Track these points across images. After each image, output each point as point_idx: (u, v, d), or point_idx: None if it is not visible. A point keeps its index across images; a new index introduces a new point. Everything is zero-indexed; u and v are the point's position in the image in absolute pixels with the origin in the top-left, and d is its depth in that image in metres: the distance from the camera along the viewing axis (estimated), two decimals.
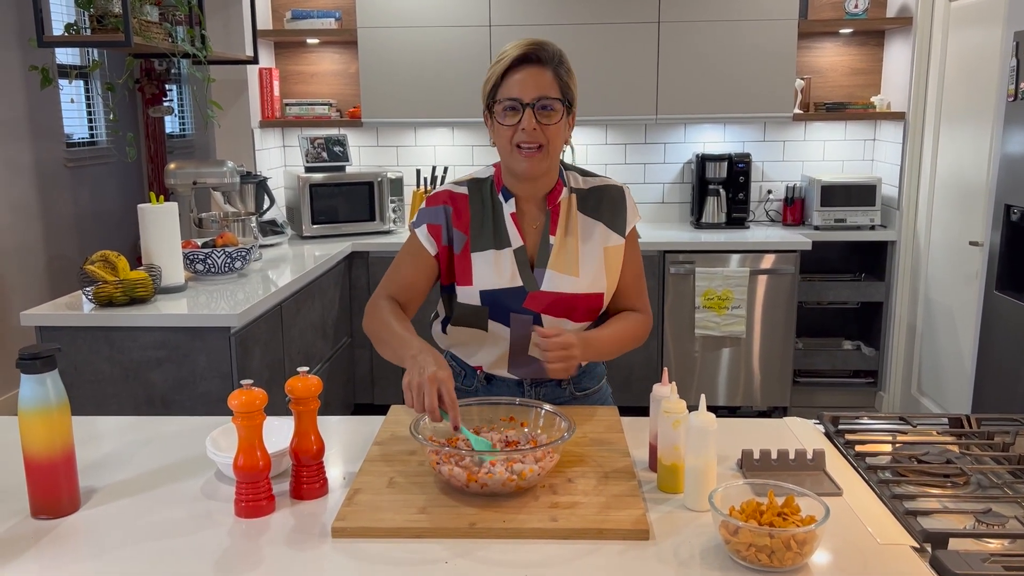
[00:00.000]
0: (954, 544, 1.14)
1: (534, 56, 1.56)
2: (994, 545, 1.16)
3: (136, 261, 2.84)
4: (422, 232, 1.69)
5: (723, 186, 4.19)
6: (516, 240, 1.67)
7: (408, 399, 1.41)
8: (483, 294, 1.67)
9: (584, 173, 1.76)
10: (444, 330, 1.78)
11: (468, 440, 1.40)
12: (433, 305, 1.82)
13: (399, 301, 1.70)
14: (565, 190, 1.70)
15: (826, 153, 4.40)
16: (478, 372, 1.76)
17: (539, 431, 1.46)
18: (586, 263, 1.67)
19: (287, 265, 3.34)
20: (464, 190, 1.70)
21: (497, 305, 1.67)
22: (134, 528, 1.25)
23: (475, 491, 1.28)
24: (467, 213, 1.68)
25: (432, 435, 1.42)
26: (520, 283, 1.65)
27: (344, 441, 1.59)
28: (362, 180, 4.07)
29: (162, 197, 2.76)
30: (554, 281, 1.66)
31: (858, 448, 1.48)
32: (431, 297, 1.76)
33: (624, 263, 1.72)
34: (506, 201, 1.69)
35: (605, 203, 1.71)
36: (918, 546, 1.17)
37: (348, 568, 1.14)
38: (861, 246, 4.32)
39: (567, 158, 1.76)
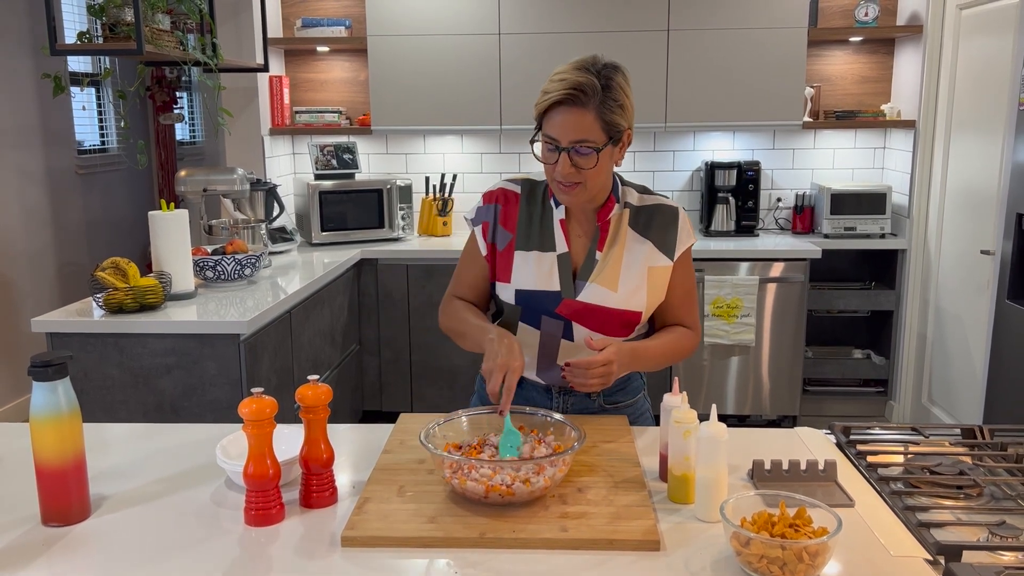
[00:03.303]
0: (968, 557, 1.13)
1: (571, 100, 1.52)
2: (1008, 558, 1.14)
3: (146, 268, 2.86)
4: (478, 232, 1.73)
5: (732, 194, 4.18)
6: (562, 246, 1.67)
7: (489, 386, 1.48)
8: (518, 293, 1.67)
9: (642, 190, 1.73)
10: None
11: (499, 434, 1.45)
12: None
13: (467, 298, 1.75)
14: (617, 206, 1.69)
15: (836, 161, 4.39)
16: None
17: (549, 439, 1.46)
18: (626, 279, 1.66)
19: (296, 272, 3.35)
20: (518, 188, 1.72)
21: (530, 306, 1.68)
22: (144, 536, 1.25)
23: (494, 501, 1.28)
24: (516, 212, 1.70)
25: (446, 444, 1.42)
26: (557, 287, 1.65)
27: (353, 449, 1.58)
28: (371, 187, 4.08)
29: (172, 204, 2.78)
30: (592, 293, 1.65)
31: (870, 459, 1.47)
32: None
33: (675, 281, 1.70)
34: (556, 207, 1.69)
35: (657, 222, 1.69)
36: (931, 558, 1.16)
37: None
38: (871, 254, 4.30)
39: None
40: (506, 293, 1.69)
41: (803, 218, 4.27)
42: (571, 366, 1.54)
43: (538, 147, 1.61)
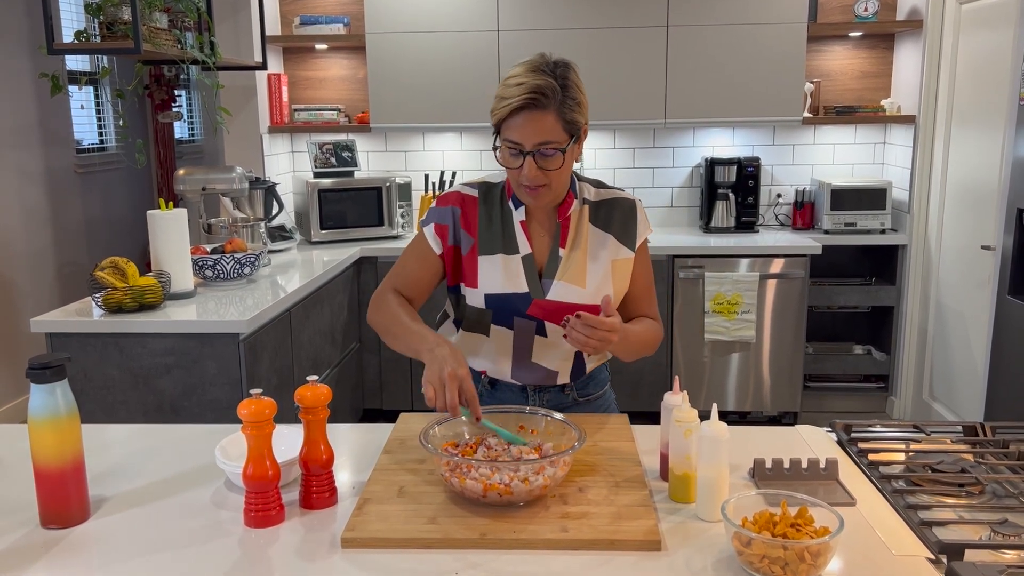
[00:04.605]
0: (970, 555, 1.13)
1: (532, 104, 1.51)
2: (1010, 556, 1.14)
3: (145, 267, 2.85)
4: (429, 231, 1.71)
5: (732, 190, 4.17)
6: (525, 247, 1.68)
7: (429, 398, 1.44)
8: (488, 297, 1.67)
9: (597, 184, 1.75)
10: (457, 331, 1.78)
11: (496, 433, 1.44)
12: (439, 304, 1.83)
13: (404, 296, 1.71)
14: (576, 202, 1.70)
15: (836, 157, 4.38)
16: (482, 376, 1.76)
17: (547, 439, 1.45)
18: (593, 275, 1.68)
19: (296, 271, 3.34)
20: (475, 192, 1.71)
21: (501, 309, 1.68)
22: (144, 538, 1.25)
23: (493, 501, 1.28)
24: (475, 216, 1.69)
25: (444, 443, 1.42)
26: (526, 289, 1.66)
27: (353, 449, 1.58)
28: (370, 185, 4.07)
29: (171, 203, 2.77)
30: (560, 291, 1.66)
31: (871, 457, 1.47)
32: (437, 296, 1.77)
33: (635, 273, 1.73)
34: (516, 208, 1.69)
35: (616, 216, 1.71)
36: (933, 557, 1.15)
37: None
38: (872, 250, 4.30)
39: (577, 164, 1.75)
40: (475, 298, 1.68)
41: (803, 214, 4.26)
42: (580, 318, 1.49)
43: (500, 153, 1.60)
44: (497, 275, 1.66)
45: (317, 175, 4.13)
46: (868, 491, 1.36)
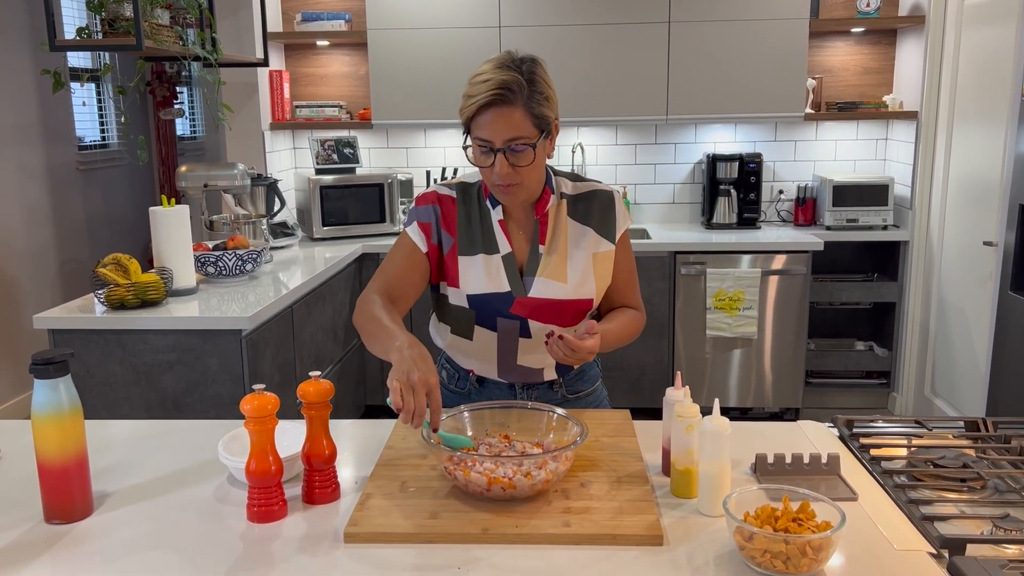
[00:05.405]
0: (971, 550, 1.13)
1: (500, 100, 1.50)
2: (1012, 551, 1.14)
3: (148, 264, 2.85)
4: (413, 230, 1.69)
5: (734, 186, 4.17)
6: (504, 246, 1.67)
7: (395, 400, 1.32)
8: (470, 298, 1.67)
9: (574, 178, 1.75)
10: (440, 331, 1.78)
11: (441, 439, 1.38)
12: (427, 304, 1.83)
13: (391, 296, 1.67)
14: (553, 197, 1.69)
15: (838, 153, 4.38)
16: (470, 375, 1.76)
17: (550, 435, 1.45)
18: (574, 269, 1.67)
19: (298, 267, 3.35)
20: (452, 192, 1.71)
21: (484, 309, 1.67)
22: (147, 533, 1.25)
23: (496, 495, 1.28)
24: (454, 216, 1.69)
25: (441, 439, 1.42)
26: (508, 288, 1.65)
27: (356, 445, 1.58)
28: (372, 182, 4.07)
29: (173, 200, 2.77)
30: (542, 287, 1.66)
31: (873, 452, 1.47)
32: (426, 296, 1.76)
33: (617, 264, 1.72)
34: (493, 208, 1.68)
35: (595, 209, 1.71)
36: (935, 552, 1.16)
37: (360, 574, 1.13)
38: (873, 246, 4.29)
39: (576, 159, 1.75)
40: (458, 298, 1.68)
41: (805, 210, 4.26)
42: (563, 339, 1.50)
43: (470, 152, 1.59)
44: (479, 275, 1.66)
45: (319, 172, 4.13)
46: (870, 486, 1.36)
